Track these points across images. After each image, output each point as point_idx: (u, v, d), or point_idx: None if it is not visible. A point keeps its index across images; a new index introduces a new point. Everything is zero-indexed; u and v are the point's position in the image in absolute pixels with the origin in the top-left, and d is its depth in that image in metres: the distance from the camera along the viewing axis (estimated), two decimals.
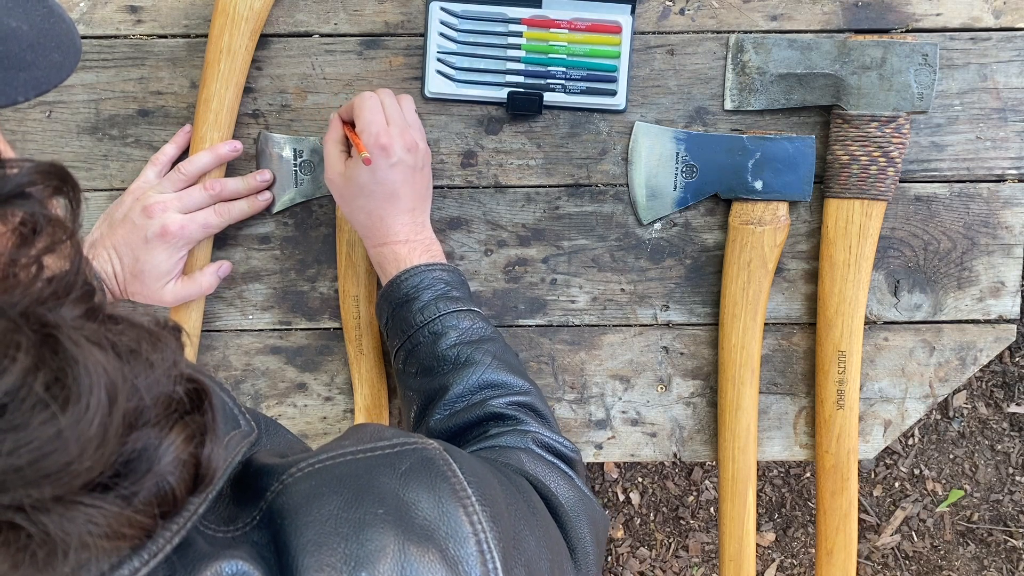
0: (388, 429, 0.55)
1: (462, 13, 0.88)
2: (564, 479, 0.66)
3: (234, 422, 0.52)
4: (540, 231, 0.93)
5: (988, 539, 1.87)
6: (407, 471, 0.49)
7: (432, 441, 0.53)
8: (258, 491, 0.48)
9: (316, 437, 0.96)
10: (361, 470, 0.49)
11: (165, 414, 0.38)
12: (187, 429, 0.39)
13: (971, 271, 0.92)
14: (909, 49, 0.84)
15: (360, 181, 0.79)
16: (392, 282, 0.79)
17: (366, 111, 0.79)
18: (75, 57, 0.49)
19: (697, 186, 0.90)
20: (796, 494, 1.88)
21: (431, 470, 0.50)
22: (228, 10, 0.84)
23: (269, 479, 0.49)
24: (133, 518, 0.37)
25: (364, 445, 0.51)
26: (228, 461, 0.47)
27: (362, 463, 0.50)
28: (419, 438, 0.53)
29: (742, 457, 0.92)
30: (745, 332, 0.90)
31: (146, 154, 0.90)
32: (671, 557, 1.89)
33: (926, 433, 1.89)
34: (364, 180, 0.79)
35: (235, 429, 0.51)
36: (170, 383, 0.38)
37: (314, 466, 0.49)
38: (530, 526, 0.55)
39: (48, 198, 0.36)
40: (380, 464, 0.50)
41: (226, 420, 0.51)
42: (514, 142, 0.91)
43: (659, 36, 0.89)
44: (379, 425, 0.58)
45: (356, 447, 0.51)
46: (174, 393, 0.39)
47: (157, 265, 0.84)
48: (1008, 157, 0.90)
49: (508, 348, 0.79)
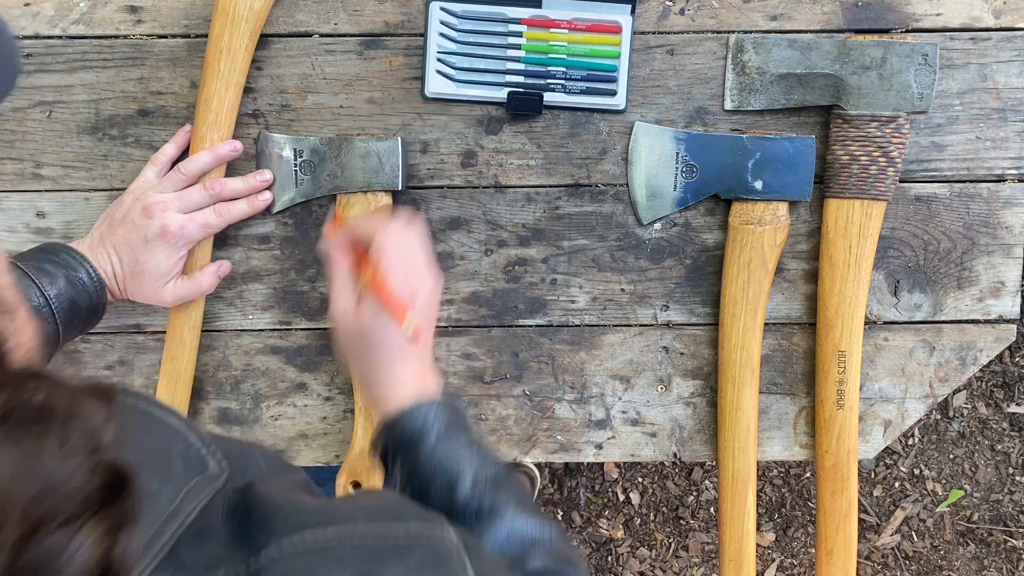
0: (409, 507, 0.52)
1: (462, 13, 0.88)
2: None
3: (198, 466, 0.47)
4: (540, 231, 0.93)
5: (988, 539, 1.87)
6: (416, 565, 0.46)
7: (452, 532, 0.49)
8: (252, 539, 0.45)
9: (316, 437, 0.96)
10: (368, 559, 0.45)
11: (77, 510, 0.33)
12: (100, 525, 0.34)
13: (971, 271, 0.92)
14: (909, 49, 0.84)
15: (371, 332, 0.69)
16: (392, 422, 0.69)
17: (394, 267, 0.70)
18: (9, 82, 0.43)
19: (697, 186, 0.90)
20: (796, 494, 1.88)
21: (441, 570, 0.47)
22: (228, 10, 0.84)
23: (268, 534, 0.45)
24: None
25: (377, 525, 0.48)
26: (185, 515, 0.44)
27: (369, 552, 0.46)
28: (437, 527, 0.49)
29: (742, 457, 0.92)
30: (745, 332, 0.90)
31: (146, 154, 0.90)
32: (671, 557, 1.89)
33: (926, 433, 1.89)
34: (379, 337, 0.69)
35: (199, 474, 0.47)
36: (84, 475, 0.33)
37: (319, 543, 0.45)
38: None
39: None
40: (389, 555, 0.46)
41: (188, 466, 0.47)
42: (514, 142, 0.91)
43: (659, 36, 0.89)
44: (401, 500, 0.53)
45: (368, 525, 0.47)
46: (89, 485, 0.34)
47: (157, 265, 0.84)
48: (1008, 157, 0.90)
49: (520, 485, 0.72)
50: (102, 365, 0.95)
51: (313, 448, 0.96)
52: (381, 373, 0.70)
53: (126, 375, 0.95)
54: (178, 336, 0.90)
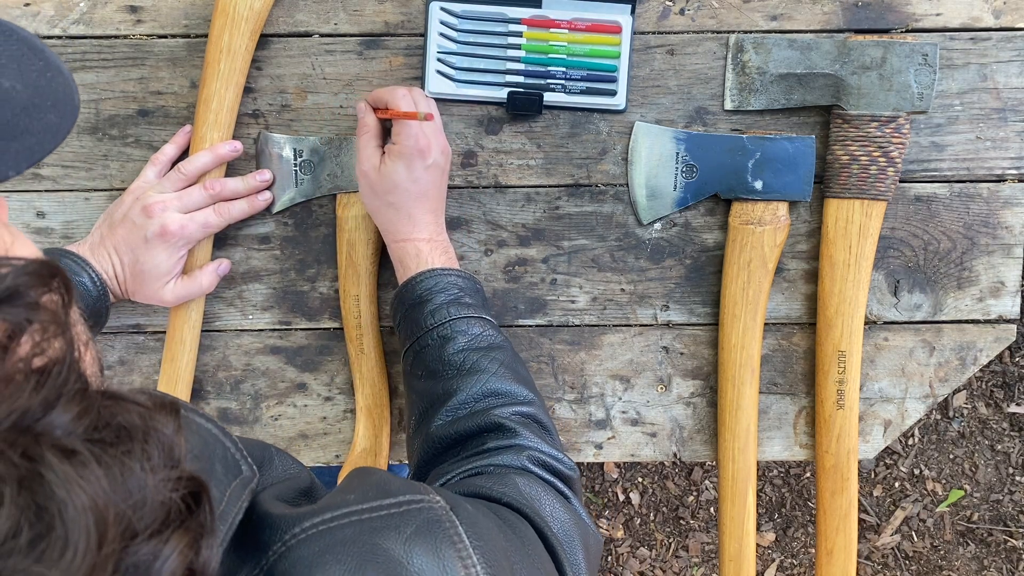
0: (394, 480, 0.54)
1: (462, 13, 0.88)
2: (559, 501, 0.65)
3: (235, 470, 0.50)
4: (540, 231, 0.93)
5: (988, 539, 1.87)
6: (412, 535, 0.49)
7: (439, 497, 0.52)
8: (259, 545, 0.48)
9: (316, 437, 0.96)
10: (365, 533, 0.48)
11: (162, 522, 0.35)
12: (186, 536, 0.36)
13: (971, 271, 0.92)
14: (909, 49, 0.84)
15: (395, 178, 0.80)
16: (408, 282, 0.80)
17: (404, 107, 0.81)
18: (72, 116, 0.45)
19: (697, 186, 0.90)
20: (796, 494, 1.88)
21: (436, 534, 0.49)
22: (228, 10, 0.84)
23: (272, 534, 0.48)
24: None
25: (369, 503, 0.51)
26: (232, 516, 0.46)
27: (366, 525, 0.49)
28: (425, 494, 0.53)
29: (742, 457, 0.92)
30: (745, 332, 0.90)
31: (146, 154, 0.90)
32: (671, 557, 1.89)
33: (926, 433, 1.89)
34: (399, 178, 0.80)
35: (236, 477, 0.50)
36: (167, 489, 0.36)
37: (318, 528, 0.48)
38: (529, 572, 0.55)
39: (39, 297, 0.34)
40: (385, 526, 0.49)
41: (227, 470, 0.50)
42: (514, 142, 0.91)
43: (659, 36, 0.89)
44: (385, 475, 0.57)
45: (361, 504, 0.50)
46: (172, 498, 0.36)
47: (157, 265, 0.84)
48: (1008, 157, 0.90)
49: (517, 357, 0.79)
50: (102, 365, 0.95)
51: (313, 448, 0.96)
52: (402, 219, 0.82)
53: (126, 375, 0.95)
54: (178, 336, 0.90)
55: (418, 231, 0.82)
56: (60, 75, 0.45)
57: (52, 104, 0.43)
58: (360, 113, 0.84)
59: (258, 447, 0.58)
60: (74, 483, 0.31)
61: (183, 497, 0.37)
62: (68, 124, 0.44)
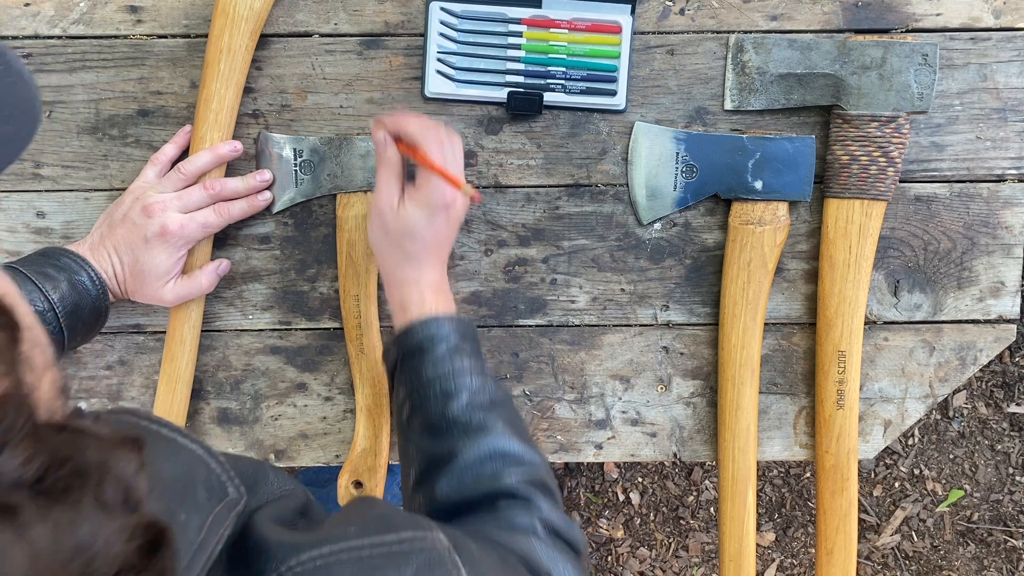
0: (397, 515, 0.53)
1: (462, 13, 0.88)
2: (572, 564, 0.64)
3: (220, 493, 0.49)
4: (540, 231, 0.93)
5: (988, 539, 1.87)
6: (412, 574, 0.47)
7: (442, 536, 0.51)
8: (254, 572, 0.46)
9: (316, 437, 0.96)
10: (364, 571, 0.47)
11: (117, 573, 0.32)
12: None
13: (971, 271, 0.92)
14: (909, 49, 0.84)
15: (413, 225, 0.76)
16: (408, 328, 0.76)
17: (437, 157, 0.76)
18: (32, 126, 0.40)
19: (697, 186, 0.90)
20: (796, 494, 1.89)
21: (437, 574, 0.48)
22: (228, 10, 0.84)
23: (268, 563, 0.46)
24: None
25: (370, 537, 0.49)
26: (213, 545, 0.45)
27: (366, 563, 0.47)
28: (428, 531, 0.51)
29: (742, 457, 0.92)
30: (745, 332, 0.90)
31: (146, 154, 0.90)
32: (671, 557, 1.89)
33: (926, 433, 1.89)
34: (418, 226, 0.76)
35: (221, 501, 0.48)
36: (122, 539, 0.32)
37: (315, 563, 0.47)
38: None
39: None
40: (385, 565, 0.48)
41: (211, 494, 0.48)
42: (514, 142, 0.91)
43: (659, 36, 0.89)
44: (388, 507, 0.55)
45: (361, 539, 0.49)
46: (128, 548, 0.33)
47: (157, 265, 0.84)
48: (1008, 157, 0.90)
49: (516, 411, 0.76)
50: (102, 365, 0.95)
51: (313, 448, 0.96)
52: (411, 264, 0.77)
53: (126, 375, 0.95)
54: (178, 336, 0.90)
55: (424, 275, 0.78)
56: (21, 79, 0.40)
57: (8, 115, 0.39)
58: (379, 144, 0.78)
59: (250, 465, 0.56)
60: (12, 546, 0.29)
61: (140, 546, 0.33)
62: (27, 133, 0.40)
